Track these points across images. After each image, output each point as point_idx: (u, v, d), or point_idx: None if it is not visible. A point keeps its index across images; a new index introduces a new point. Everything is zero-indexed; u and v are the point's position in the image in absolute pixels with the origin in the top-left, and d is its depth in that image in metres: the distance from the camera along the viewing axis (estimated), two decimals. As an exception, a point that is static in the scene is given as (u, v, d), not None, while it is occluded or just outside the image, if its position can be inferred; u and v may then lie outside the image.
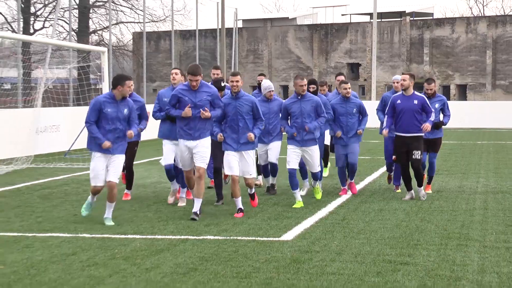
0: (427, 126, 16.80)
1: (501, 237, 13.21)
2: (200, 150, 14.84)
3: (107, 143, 13.97)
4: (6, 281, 10.04)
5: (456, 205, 16.95)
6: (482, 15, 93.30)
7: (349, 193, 18.09)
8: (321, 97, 17.82)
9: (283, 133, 17.83)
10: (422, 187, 17.29)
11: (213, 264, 11.04)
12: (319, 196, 17.45)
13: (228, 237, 12.94)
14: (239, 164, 15.30)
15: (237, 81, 15.18)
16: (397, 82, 18.43)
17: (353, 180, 18.56)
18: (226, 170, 15.65)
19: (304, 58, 74.65)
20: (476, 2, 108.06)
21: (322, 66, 73.54)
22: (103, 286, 9.78)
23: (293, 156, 16.49)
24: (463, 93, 70.85)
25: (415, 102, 16.91)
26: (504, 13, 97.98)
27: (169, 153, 16.79)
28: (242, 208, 15.19)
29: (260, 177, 19.27)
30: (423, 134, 17.11)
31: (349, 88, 18.03)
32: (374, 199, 17.35)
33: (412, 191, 17.26)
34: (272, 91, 17.82)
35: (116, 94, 14.18)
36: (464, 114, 51.65)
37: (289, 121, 16.83)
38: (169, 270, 10.64)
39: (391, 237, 12.95)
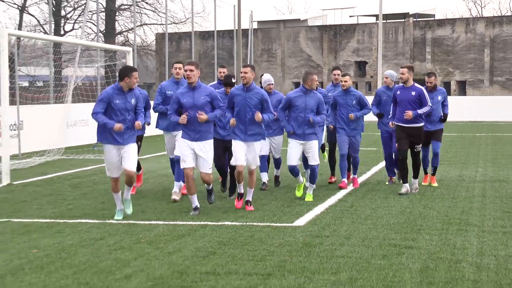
0: (410, 113, 15.99)
1: (498, 222, 13.19)
2: (203, 156, 13.99)
3: (117, 125, 13.11)
4: (40, 264, 10.07)
5: (456, 193, 16.93)
6: (481, 16, 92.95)
7: (350, 187, 17.51)
8: (319, 90, 16.98)
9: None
10: (416, 180, 16.73)
11: (231, 248, 11.06)
12: (310, 198, 15.67)
13: (244, 223, 12.97)
14: (245, 155, 14.53)
15: (245, 73, 14.34)
16: (386, 78, 18.04)
17: (356, 175, 18.01)
18: (233, 160, 14.79)
19: (315, 57, 74.54)
20: (474, 3, 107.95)
21: (331, 64, 73.10)
22: (129, 268, 9.80)
23: (293, 153, 15.58)
24: (462, 88, 70.67)
25: (413, 93, 16.25)
26: (501, 14, 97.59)
27: (173, 146, 15.93)
28: (250, 201, 14.51)
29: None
30: (422, 124, 16.56)
31: (345, 81, 17.29)
32: (380, 187, 17.33)
33: (408, 184, 16.45)
34: (272, 84, 16.98)
35: (123, 86, 13.39)
36: (463, 109, 51.87)
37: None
38: (190, 254, 10.67)
39: (396, 222, 12.95)
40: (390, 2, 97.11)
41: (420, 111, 16.14)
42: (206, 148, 14.04)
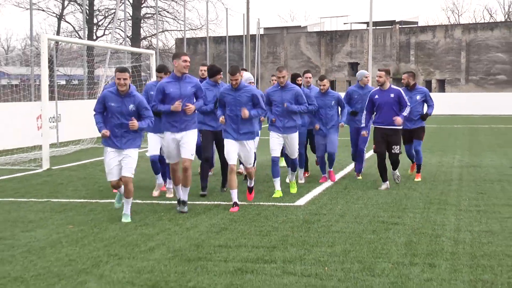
0: (399, 120, 14.39)
1: (473, 202, 13.18)
2: (186, 142, 12.09)
3: (105, 132, 11.41)
4: (75, 238, 10.10)
5: (436, 176, 16.91)
6: (458, 23, 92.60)
7: (329, 181, 15.99)
8: (303, 89, 15.11)
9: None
10: (396, 170, 15.03)
11: (241, 224, 11.08)
12: (294, 190, 14.38)
13: (252, 203, 12.97)
14: (238, 154, 12.87)
15: (236, 80, 12.56)
16: (366, 77, 16.62)
17: (331, 169, 16.26)
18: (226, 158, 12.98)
19: (313, 59, 74.32)
20: (452, 12, 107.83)
21: (328, 65, 73.18)
22: (152, 242, 9.81)
23: (275, 143, 13.95)
24: (442, 86, 70.61)
25: (392, 95, 14.48)
26: (476, 21, 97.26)
27: (155, 144, 14.09)
28: (237, 202, 12.61)
29: (242, 165, 15.34)
30: (401, 127, 14.75)
31: (323, 85, 15.55)
32: (370, 172, 17.27)
33: (388, 182, 14.84)
34: (252, 82, 14.80)
35: (118, 89, 11.40)
36: (443, 104, 51.97)
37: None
38: (205, 229, 10.69)
39: (384, 202, 12.95)
40: (379, 11, 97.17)
41: (404, 114, 14.53)
42: (192, 137, 12.25)
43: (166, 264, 8.60)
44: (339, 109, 16.03)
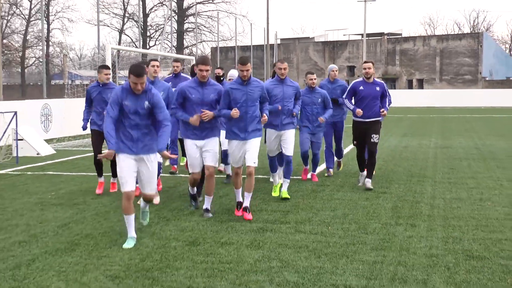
0: (385, 112, 11.44)
1: (445, 175, 13.11)
2: (210, 149, 9.14)
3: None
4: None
5: (417, 155, 16.83)
6: (433, 34, 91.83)
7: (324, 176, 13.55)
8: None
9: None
10: (370, 179, 11.45)
11: (261, 194, 11.05)
12: (287, 195, 10.55)
13: (269, 177, 12.87)
14: (243, 155, 9.33)
15: (247, 70, 9.04)
16: (333, 71, 13.17)
17: (315, 172, 12.85)
18: (229, 159, 10.14)
19: (319, 63, 74.02)
20: (429, 25, 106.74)
21: (330, 67, 73.39)
22: (192, 207, 9.79)
23: (273, 145, 10.85)
24: (421, 84, 70.43)
25: (377, 88, 11.53)
26: (447, 33, 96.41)
27: None
28: (244, 208, 9.25)
29: (223, 164, 12.88)
30: (380, 118, 11.67)
31: (315, 79, 12.18)
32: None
33: (365, 171, 11.79)
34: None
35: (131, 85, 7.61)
36: (422, 98, 54.18)
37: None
38: (234, 197, 10.61)
39: (375, 175, 12.84)
40: (371, 25, 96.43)
41: (388, 107, 11.67)
42: (215, 144, 9.28)
43: (204, 224, 8.60)
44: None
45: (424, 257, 6.97)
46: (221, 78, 12.50)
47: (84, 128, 11.57)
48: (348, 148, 17.86)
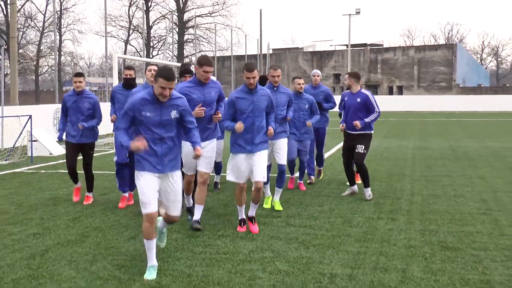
0: (357, 123, 9.85)
1: (423, 174, 13.14)
2: (206, 155, 7.88)
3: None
4: (137, 199, 10.05)
5: (396, 155, 16.87)
6: (412, 45, 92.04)
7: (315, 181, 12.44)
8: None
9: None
10: (368, 188, 10.13)
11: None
12: (279, 207, 9.27)
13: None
14: (249, 169, 7.81)
15: (254, 78, 7.69)
16: (315, 76, 11.89)
17: (302, 181, 11.30)
18: (231, 177, 7.91)
19: (308, 71, 73.94)
20: (408, 37, 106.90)
21: (318, 75, 73.46)
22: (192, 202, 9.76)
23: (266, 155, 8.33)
24: (400, 91, 70.64)
25: (358, 100, 10.00)
26: (424, 44, 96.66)
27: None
28: (250, 218, 8.05)
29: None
30: (371, 132, 10.17)
31: (303, 84, 10.79)
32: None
33: (355, 186, 10.53)
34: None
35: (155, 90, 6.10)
36: (401, 103, 54.30)
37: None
38: (230, 193, 10.62)
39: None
40: (355, 36, 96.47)
41: (367, 120, 9.93)
42: (213, 148, 8.15)
43: (202, 218, 8.57)
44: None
45: (403, 248, 6.98)
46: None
47: (60, 138, 9.91)
48: (330, 151, 17.88)
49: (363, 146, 10.07)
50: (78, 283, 5.76)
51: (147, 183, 6.03)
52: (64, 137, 9.94)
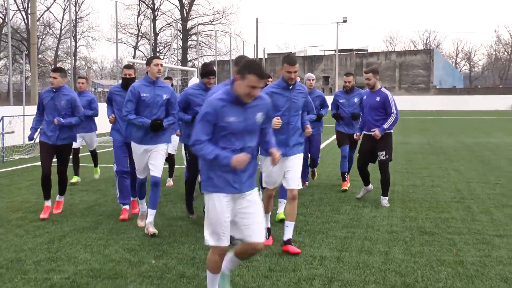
0: (377, 132, 8.49)
1: (404, 166, 13.16)
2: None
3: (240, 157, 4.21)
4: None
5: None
6: (394, 50, 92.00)
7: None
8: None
9: None
10: (386, 197, 8.73)
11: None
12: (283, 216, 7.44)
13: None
14: (282, 174, 6.25)
15: (295, 72, 6.21)
16: (309, 80, 10.21)
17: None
18: (267, 183, 6.36)
19: (300, 75, 74.00)
20: (390, 43, 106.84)
21: (309, 78, 73.43)
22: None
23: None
24: (383, 91, 70.88)
25: (378, 99, 8.58)
26: (405, 49, 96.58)
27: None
28: (292, 239, 6.27)
29: (170, 178, 10.75)
30: (390, 132, 8.60)
31: (313, 80, 10.19)
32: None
33: (370, 185, 9.23)
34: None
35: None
36: None
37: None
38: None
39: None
40: (342, 42, 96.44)
41: (385, 126, 8.44)
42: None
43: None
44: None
45: (386, 233, 7.00)
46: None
47: (30, 138, 8.14)
48: (322, 150, 17.87)
49: (384, 152, 8.59)
50: (93, 265, 5.77)
51: (223, 210, 4.30)
52: (36, 136, 8.35)
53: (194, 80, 9.41)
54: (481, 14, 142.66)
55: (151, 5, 63.45)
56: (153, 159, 6.99)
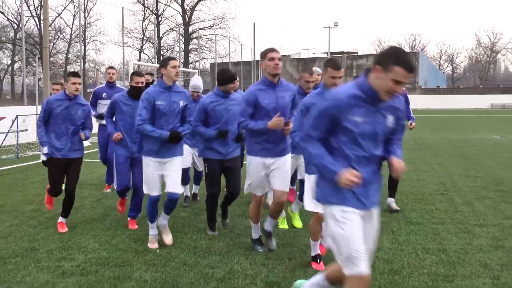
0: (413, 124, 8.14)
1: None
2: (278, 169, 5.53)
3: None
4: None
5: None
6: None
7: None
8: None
9: None
10: (393, 199, 7.78)
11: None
12: (285, 225, 6.87)
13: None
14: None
15: (340, 77, 5.26)
16: (319, 75, 7.75)
17: (294, 187, 8.15)
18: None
19: (294, 75, 74.14)
20: (379, 46, 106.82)
21: (303, 79, 73.50)
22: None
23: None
24: (372, 91, 70.92)
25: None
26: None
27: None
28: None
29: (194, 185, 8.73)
30: None
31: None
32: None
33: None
34: (198, 93, 7.92)
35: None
36: None
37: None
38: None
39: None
40: (334, 45, 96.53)
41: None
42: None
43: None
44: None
45: (374, 223, 6.99)
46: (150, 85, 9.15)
47: (50, 155, 6.56)
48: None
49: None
50: (101, 254, 5.77)
51: (357, 229, 3.32)
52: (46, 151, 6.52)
53: (196, 77, 8.34)
54: (463, 19, 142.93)
55: (155, 11, 63.36)
56: (169, 173, 5.78)
